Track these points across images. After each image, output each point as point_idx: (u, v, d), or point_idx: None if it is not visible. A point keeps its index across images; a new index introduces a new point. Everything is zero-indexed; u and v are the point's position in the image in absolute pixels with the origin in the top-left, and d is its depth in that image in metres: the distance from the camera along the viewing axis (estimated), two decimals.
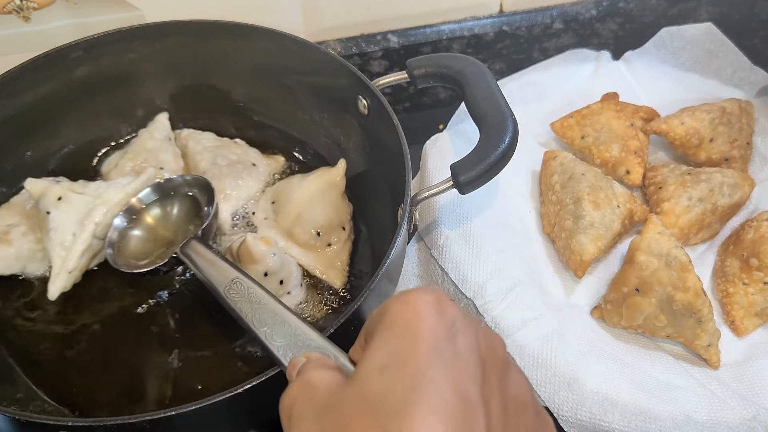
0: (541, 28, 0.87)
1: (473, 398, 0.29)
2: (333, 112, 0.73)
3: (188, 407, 0.45)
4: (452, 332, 0.30)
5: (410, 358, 0.29)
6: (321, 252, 0.68)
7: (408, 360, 0.29)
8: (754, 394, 0.61)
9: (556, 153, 0.76)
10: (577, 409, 0.58)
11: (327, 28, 0.83)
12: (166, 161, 0.71)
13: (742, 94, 0.83)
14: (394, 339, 0.30)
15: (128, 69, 0.73)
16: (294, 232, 0.68)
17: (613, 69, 0.86)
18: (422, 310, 0.30)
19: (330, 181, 0.69)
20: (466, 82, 0.64)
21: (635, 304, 0.63)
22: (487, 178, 0.59)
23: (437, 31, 0.85)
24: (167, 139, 0.74)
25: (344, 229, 0.69)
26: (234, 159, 0.72)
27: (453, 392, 0.28)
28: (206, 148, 0.73)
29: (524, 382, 0.34)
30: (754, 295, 0.66)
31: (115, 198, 0.65)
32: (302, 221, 0.67)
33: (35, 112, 0.69)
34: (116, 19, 0.75)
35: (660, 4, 0.88)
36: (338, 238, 0.68)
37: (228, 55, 0.73)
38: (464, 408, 0.28)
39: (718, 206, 0.71)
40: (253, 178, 0.72)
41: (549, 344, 0.61)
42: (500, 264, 0.66)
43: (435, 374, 0.28)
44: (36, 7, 0.72)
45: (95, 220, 0.63)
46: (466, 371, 0.30)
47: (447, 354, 0.29)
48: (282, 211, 0.69)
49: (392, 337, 0.30)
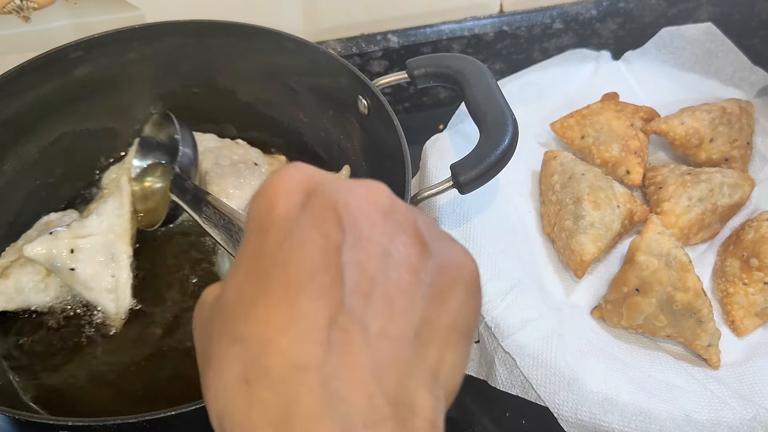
0: (541, 28, 0.87)
1: (328, 275, 0.25)
2: (333, 112, 0.73)
3: (188, 407, 0.45)
4: (308, 206, 0.26)
5: (259, 251, 0.26)
6: None
7: (257, 255, 0.26)
8: (754, 394, 0.61)
9: (556, 153, 0.76)
10: (577, 409, 0.58)
11: (327, 28, 0.83)
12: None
13: (742, 94, 0.82)
14: (249, 234, 0.27)
15: (128, 69, 0.73)
16: None
17: (613, 69, 0.86)
18: (276, 199, 0.27)
19: None
20: (466, 82, 0.64)
21: (635, 304, 0.63)
22: (487, 178, 0.59)
23: (437, 31, 0.85)
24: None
25: None
26: (236, 159, 0.72)
27: (306, 279, 0.25)
28: (208, 149, 0.73)
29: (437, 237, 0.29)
30: (754, 295, 0.66)
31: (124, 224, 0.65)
32: None
33: (35, 113, 0.69)
34: (116, 19, 0.75)
35: (660, 4, 0.88)
36: None
37: (228, 55, 0.73)
38: (316, 291, 0.25)
39: (718, 206, 0.71)
40: (256, 177, 0.72)
41: (549, 344, 0.61)
42: (500, 264, 0.66)
43: (283, 262, 0.25)
44: (36, 7, 0.72)
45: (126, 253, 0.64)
46: (320, 245, 0.25)
47: (297, 234, 0.26)
48: None
49: (249, 232, 0.28)
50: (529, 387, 0.60)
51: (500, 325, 0.62)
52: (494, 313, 0.63)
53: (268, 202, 0.27)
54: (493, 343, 0.62)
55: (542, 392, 0.59)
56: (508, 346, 0.61)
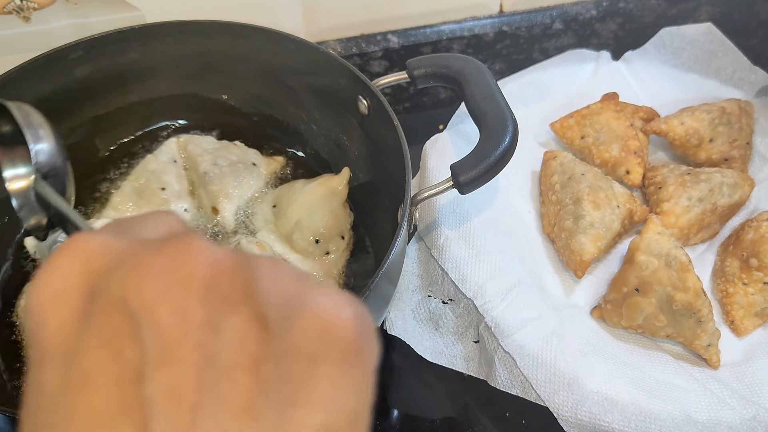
0: (541, 29, 0.87)
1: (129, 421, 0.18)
2: (333, 112, 0.73)
3: None
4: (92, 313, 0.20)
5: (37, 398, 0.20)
6: (318, 260, 0.67)
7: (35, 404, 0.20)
8: (754, 394, 0.61)
9: (556, 153, 0.76)
10: (577, 409, 0.58)
11: (327, 28, 0.83)
12: (168, 182, 0.71)
13: (742, 95, 0.83)
14: (28, 368, 0.21)
15: (128, 69, 0.73)
16: (293, 238, 0.68)
17: (612, 69, 0.86)
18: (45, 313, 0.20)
19: (332, 189, 0.68)
20: (466, 82, 0.64)
21: (635, 304, 0.63)
22: (487, 178, 0.59)
23: (437, 32, 0.85)
24: (172, 161, 0.74)
25: (343, 238, 0.68)
26: (234, 159, 0.72)
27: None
28: (206, 150, 0.73)
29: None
30: (754, 295, 0.66)
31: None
32: (301, 228, 0.67)
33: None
34: (116, 20, 0.75)
35: (660, 5, 0.88)
36: (337, 246, 0.68)
37: (228, 55, 0.73)
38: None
39: (717, 206, 0.71)
40: (254, 177, 0.72)
41: (549, 344, 0.61)
42: (500, 264, 0.66)
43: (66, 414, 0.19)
44: (36, 8, 0.72)
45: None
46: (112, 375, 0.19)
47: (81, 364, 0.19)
48: (282, 216, 0.69)
49: (27, 363, 0.23)
50: (529, 387, 0.61)
51: (500, 325, 0.62)
52: (494, 313, 0.63)
53: (36, 319, 0.20)
54: (493, 343, 0.62)
55: (542, 392, 0.60)
56: (508, 346, 0.61)
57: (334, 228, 0.68)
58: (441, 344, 0.66)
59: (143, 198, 0.69)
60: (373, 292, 0.51)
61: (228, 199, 0.70)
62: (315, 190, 0.68)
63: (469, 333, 0.66)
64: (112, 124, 0.76)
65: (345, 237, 0.69)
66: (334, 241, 0.68)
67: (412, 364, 0.66)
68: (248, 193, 0.71)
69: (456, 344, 0.66)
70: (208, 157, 0.72)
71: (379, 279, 0.52)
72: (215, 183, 0.69)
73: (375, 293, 0.52)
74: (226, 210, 0.70)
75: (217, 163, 0.72)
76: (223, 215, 0.69)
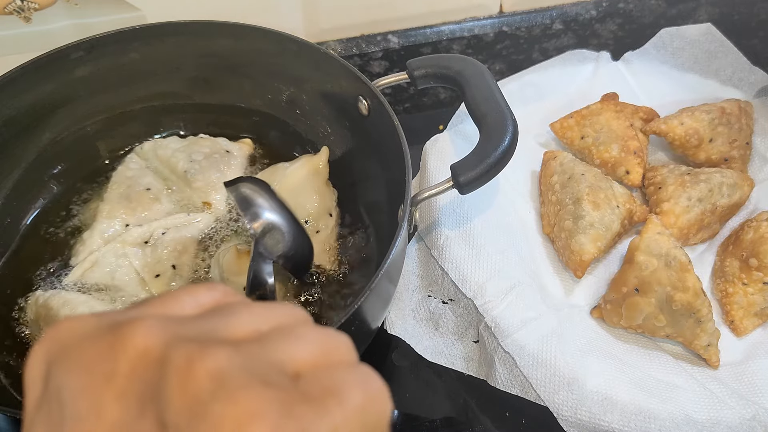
0: (540, 29, 0.87)
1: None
2: (333, 112, 0.73)
3: None
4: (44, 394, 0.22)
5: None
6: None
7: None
8: (753, 394, 0.61)
9: (555, 153, 0.76)
10: (576, 409, 0.58)
11: (327, 28, 0.83)
12: (150, 183, 0.72)
13: (742, 95, 0.83)
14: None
15: (129, 69, 0.73)
16: None
17: (612, 69, 0.86)
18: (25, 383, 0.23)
19: (314, 168, 0.70)
20: (466, 83, 0.64)
21: (635, 304, 0.63)
22: (487, 178, 0.59)
23: (437, 32, 0.85)
24: (143, 167, 0.74)
25: (331, 215, 0.70)
26: (207, 152, 0.73)
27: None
28: (177, 150, 0.73)
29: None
30: (754, 295, 0.66)
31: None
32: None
33: (36, 113, 0.70)
34: (117, 20, 0.75)
35: (660, 5, 0.89)
36: (326, 224, 0.69)
37: (228, 55, 0.73)
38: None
39: (717, 206, 0.71)
40: (233, 165, 0.73)
41: (549, 344, 0.61)
42: (500, 264, 0.66)
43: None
44: (37, 8, 0.72)
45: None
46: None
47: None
48: None
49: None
50: (529, 387, 0.61)
51: (500, 325, 0.62)
52: (494, 313, 0.63)
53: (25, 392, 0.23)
54: (493, 342, 0.63)
55: (542, 392, 0.60)
56: (508, 346, 0.61)
57: (321, 207, 0.69)
58: (441, 344, 0.66)
59: (133, 201, 0.70)
60: (373, 292, 0.52)
61: (216, 191, 0.71)
62: (298, 171, 0.70)
63: (469, 333, 0.66)
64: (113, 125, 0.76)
65: (333, 214, 0.70)
66: (323, 220, 0.69)
67: (412, 363, 0.66)
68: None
69: (456, 344, 0.66)
70: (182, 155, 0.72)
71: (379, 279, 0.52)
72: (198, 179, 0.70)
73: (375, 293, 0.52)
74: (218, 201, 0.71)
75: (193, 158, 0.72)
76: (216, 207, 0.71)
